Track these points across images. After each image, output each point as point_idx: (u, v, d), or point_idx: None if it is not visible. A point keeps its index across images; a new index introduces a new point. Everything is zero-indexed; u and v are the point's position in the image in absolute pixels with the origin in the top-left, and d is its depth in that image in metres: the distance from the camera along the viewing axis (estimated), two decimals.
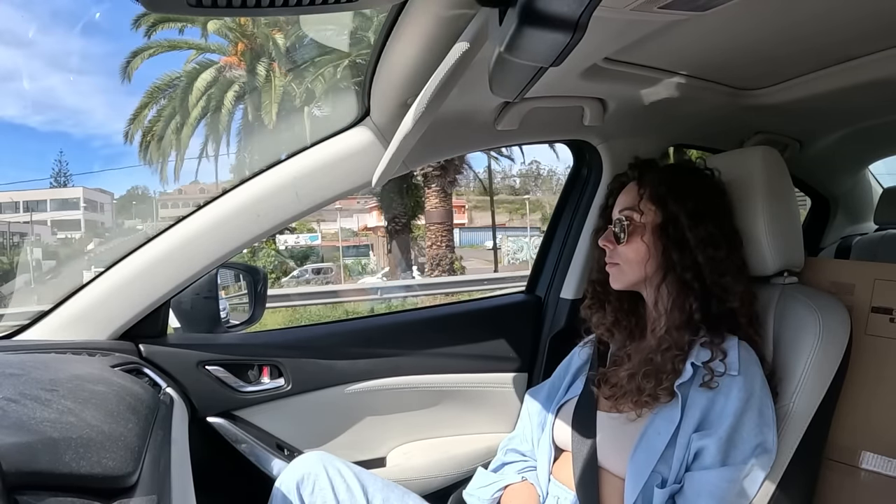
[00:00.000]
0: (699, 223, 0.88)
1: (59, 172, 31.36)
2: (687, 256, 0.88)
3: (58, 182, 30.56)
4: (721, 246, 0.89)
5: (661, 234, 0.90)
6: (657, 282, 0.91)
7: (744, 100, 1.15)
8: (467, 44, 0.57)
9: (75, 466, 0.51)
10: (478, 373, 1.32)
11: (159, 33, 12.47)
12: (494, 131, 1.11)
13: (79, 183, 29.12)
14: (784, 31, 0.85)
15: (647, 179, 0.93)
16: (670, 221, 0.90)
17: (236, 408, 1.14)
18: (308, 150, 1.04)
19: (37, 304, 6.11)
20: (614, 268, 0.94)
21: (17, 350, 0.95)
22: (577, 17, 0.37)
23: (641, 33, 0.77)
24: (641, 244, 0.91)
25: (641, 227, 0.91)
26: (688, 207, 0.89)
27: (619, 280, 0.94)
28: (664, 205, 0.90)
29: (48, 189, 28.93)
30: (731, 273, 0.89)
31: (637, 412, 0.85)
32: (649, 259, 0.90)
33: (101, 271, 1.02)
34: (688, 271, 0.88)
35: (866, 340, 0.97)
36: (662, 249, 0.90)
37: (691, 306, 0.87)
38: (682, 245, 0.88)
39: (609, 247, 0.94)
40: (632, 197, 0.94)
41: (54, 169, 33.40)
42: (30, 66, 40.41)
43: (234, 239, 1.03)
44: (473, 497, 1.01)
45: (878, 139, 1.76)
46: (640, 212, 0.91)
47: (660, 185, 0.91)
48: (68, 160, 34.01)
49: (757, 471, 0.79)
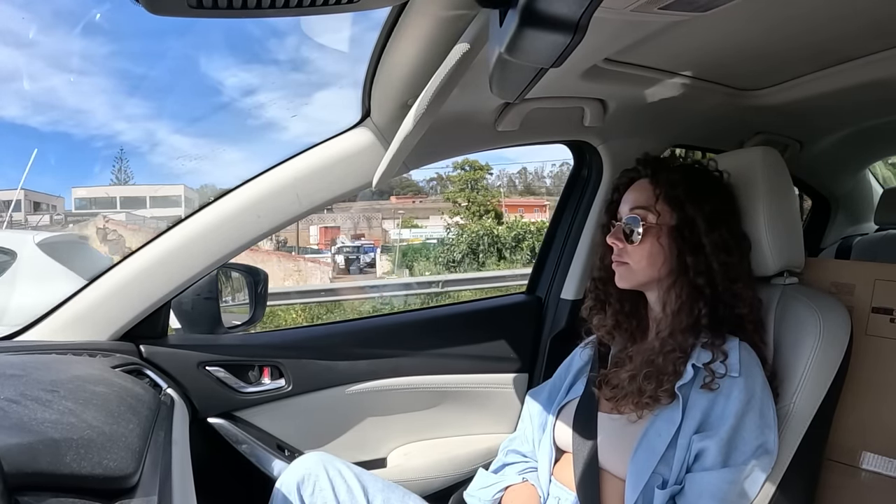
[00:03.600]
0: (715, 228, 0.87)
1: (118, 170, 31.27)
2: (701, 261, 0.87)
3: (118, 179, 30.42)
4: (734, 251, 0.88)
5: (677, 236, 0.88)
6: (667, 284, 0.89)
7: (744, 100, 1.16)
8: (468, 45, 0.57)
9: (76, 467, 0.51)
10: (478, 373, 1.32)
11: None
12: (495, 132, 1.12)
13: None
14: (784, 31, 0.85)
15: (663, 179, 0.91)
16: (687, 225, 0.88)
17: (237, 408, 1.14)
18: (308, 151, 1.04)
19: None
20: (622, 267, 0.92)
21: (18, 351, 0.95)
22: (578, 18, 0.37)
23: (642, 34, 0.77)
24: (656, 246, 0.89)
25: (657, 228, 0.89)
26: (705, 211, 0.88)
27: (627, 280, 0.93)
28: (681, 207, 0.88)
29: (146, 186, 28.49)
30: (743, 279, 0.88)
31: (638, 413, 0.84)
32: (662, 261, 0.89)
33: (102, 272, 1.02)
34: (700, 276, 0.86)
35: (867, 341, 0.97)
36: (677, 253, 0.88)
37: (700, 311, 0.86)
38: (697, 249, 0.87)
39: (618, 245, 0.92)
40: (646, 196, 0.91)
41: (114, 166, 33.35)
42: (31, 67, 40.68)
43: (235, 240, 1.03)
44: (474, 498, 1.01)
45: (878, 139, 1.76)
46: (657, 213, 0.89)
47: (677, 187, 0.89)
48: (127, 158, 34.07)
49: (758, 472, 0.79)
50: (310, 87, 55.84)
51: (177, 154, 39.52)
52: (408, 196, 31.01)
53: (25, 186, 26.10)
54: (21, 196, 27.46)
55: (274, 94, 52.21)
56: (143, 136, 40.28)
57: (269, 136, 44.30)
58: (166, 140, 41.53)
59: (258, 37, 56.30)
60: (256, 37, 57.20)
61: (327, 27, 0.75)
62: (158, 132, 41.29)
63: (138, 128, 40.12)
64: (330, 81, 55.13)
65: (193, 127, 42.55)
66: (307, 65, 58.83)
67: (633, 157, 1.00)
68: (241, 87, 49.29)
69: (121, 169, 32.05)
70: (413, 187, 35.40)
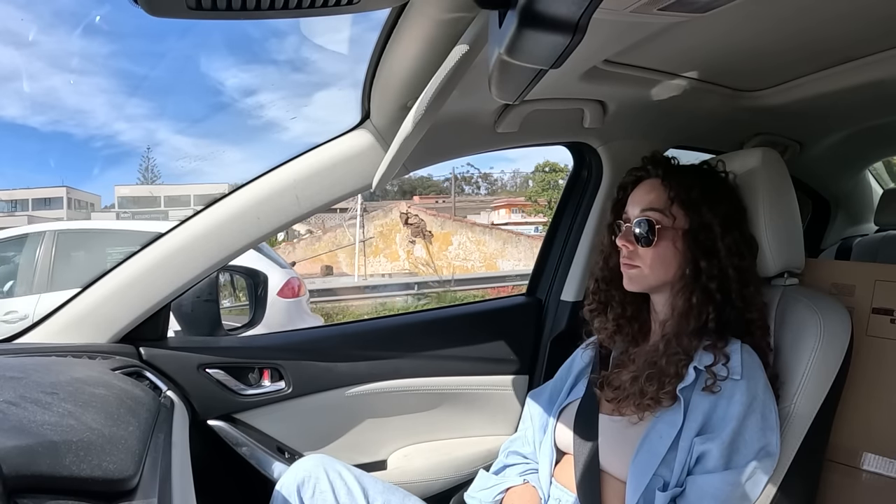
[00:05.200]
0: (729, 231, 0.87)
1: (146, 169, 31.09)
2: (714, 265, 0.86)
3: (145, 178, 30.28)
4: (745, 255, 0.88)
5: (691, 240, 0.87)
6: (677, 288, 0.88)
7: (743, 101, 1.16)
8: (467, 46, 0.58)
9: (75, 469, 0.51)
10: (478, 375, 1.32)
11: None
12: (495, 133, 1.12)
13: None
14: (783, 31, 0.85)
15: (676, 182, 0.89)
16: (703, 229, 0.86)
17: (237, 411, 1.14)
18: (308, 152, 1.04)
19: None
20: (633, 270, 0.90)
21: (18, 353, 0.95)
22: (577, 19, 0.37)
23: (641, 35, 0.77)
24: (671, 249, 0.88)
25: (672, 231, 0.88)
26: (720, 215, 0.87)
27: (638, 283, 0.91)
28: (697, 211, 0.87)
29: (190, 185, 28.40)
30: (754, 283, 0.87)
31: (639, 415, 0.84)
32: (676, 265, 0.88)
33: (102, 274, 1.02)
34: (713, 280, 0.85)
35: (867, 341, 0.97)
36: (691, 257, 0.87)
37: (708, 315, 0.85)
38: (712, 254, 0.86)
39: (629, 247, 0.90)
40: (659, 198, 0.89)
41: (142, 165, 33.26)
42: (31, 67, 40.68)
43: (235, 242, 1.03)
44: (475, 499, 1.01)
45: (878, 140, 1.76)
46: (672, 217, 0.88)
47: (692, 190, 0.88)
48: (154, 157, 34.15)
49: (759, 474, 0.79)
50: (310, 88, 55.94)
51: (178, 155, 39.63)
52: (429, 196, 31.27)
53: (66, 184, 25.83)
54: (64, 193, 27.55)
55: (274, 94, 52.35)
56: (143, 136, 40.37)
57: (270, 136, 44.39)
58: (167, 140, 41.62)
59: (258, 38, 56.46)
60: (256, 38, 57.34)
61: (328, 27, 0.75)
62: (158, 132, 41.37)
63: (139, 127, 40.22)
64: (330, 82, 55.25)
65: (195, 127, 42.66)
66: (307, 65, 58.96)
67: (632, 159, 1.00)
68: (242, 87, 49.39)
69: (148, 168, 31.95)
70: (435, 187, 35.75)
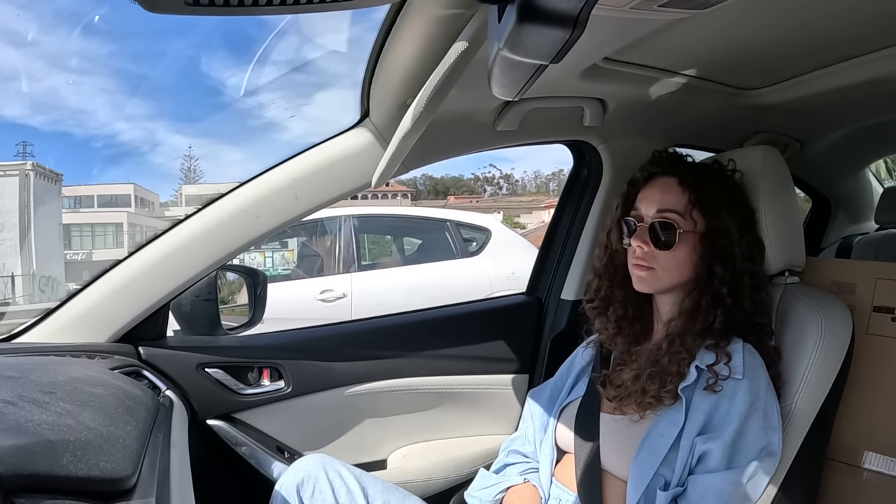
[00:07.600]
0: (744, 236, 0.86)
1: (188, 168, 30.97)
2: (729, 269, 0.85)
3: (187, 178, 30.20)
4: (758, 260, 0.87)
5: (708, 244, 0.86)
6: (688, 290, 0.87)
7: (744, 99, 1.15)
8: (466, 43, 0.57)
9: (73, 469, 0.51)
10: (478, 374, 1.32)
11: None
12: (494, 132, 1.11)
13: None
14: (783, 27, 0.85)
15: (695, 184, 0.87)
16: (721, 233, 0.85)
17: (236, 410, 1.14)
18: (307, 151, 1.04)
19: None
20: (647, 271, 0.88)
21: (16, 353, 0.94)
22: (577, 13, 0.37)
23: (641, 32, 0.77)
24: (689, 253, 0.86)
25: (692, 234, 0.86)
26: (737, 219, 0.86)
27: (650, 284, 0.89)
28: (717, 216, 0.86)
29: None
30: (765, 288, 0.87)
31: (640, 414, 0.84)
32: (691, 268, 0.87)
33: (101, 273, 1.02)
34: (725, 285, 0.84)
35: (868, 340, 0.97)
36: (707, 260, 0.86)
37: (716, 318, 0.84)
38: (728, 258, 0.85)
39: (644, 248, 0.87)
40: (679, 201, 0.87)
41: (184, 165, 33.25)
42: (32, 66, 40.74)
43: (234, 241, 1.03)
44: (475, 498, 1.01)
45: (878, 139, 1.76)
46: (693, 220, 0.86)
47: (713, 194, 0.86)
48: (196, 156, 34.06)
49: (761, 473, 0.79)
50: (310, 88, 55.91)
51: (177, 155, 39.61)
52: (464, 196, 31.40)
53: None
54: (131, 190, 27.67)
55: (274, 94, 52.35)
56: (143, 136, 40.34)
57: (270, 136, 44.42)
58: (167, 140, 41.58)
59: (258, 38, 56.53)
60: (256, 38, 57.40)
61: (328, 27, 0.75)
62: (158, 132, 41.34)
63: (139, 127, 40.21)
64: (329, 82, 55.30)
65: (194, 127, 42.65)
66: (307, 66, 59.03)
67: (633, 157, 1.00)
68: (241, 87, 49.36)
69: (190, 168, 31.84)
70: (467, 187, 36.18)
